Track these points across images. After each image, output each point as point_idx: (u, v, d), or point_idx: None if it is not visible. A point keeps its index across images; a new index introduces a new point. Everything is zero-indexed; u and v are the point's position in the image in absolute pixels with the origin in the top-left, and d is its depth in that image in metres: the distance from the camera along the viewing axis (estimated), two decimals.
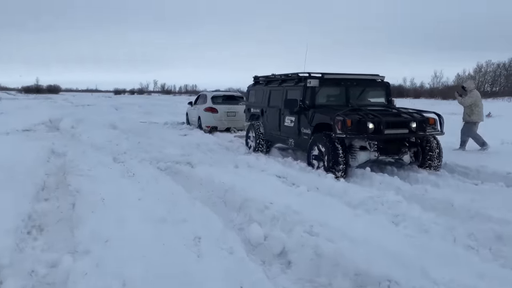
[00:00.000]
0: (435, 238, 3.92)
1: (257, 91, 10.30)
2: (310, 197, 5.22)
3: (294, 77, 8.66)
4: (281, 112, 8.89)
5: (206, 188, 6.08)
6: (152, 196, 5.49)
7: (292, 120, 8.44)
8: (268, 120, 9.55)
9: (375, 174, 6.75)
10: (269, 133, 9.57)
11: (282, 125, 8.88)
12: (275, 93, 9.30)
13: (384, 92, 8.57)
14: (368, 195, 5.26)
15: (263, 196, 5.12)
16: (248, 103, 10.87)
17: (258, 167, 7.70)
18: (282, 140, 9.08)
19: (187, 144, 10.84)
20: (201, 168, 7.47)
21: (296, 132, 8.28)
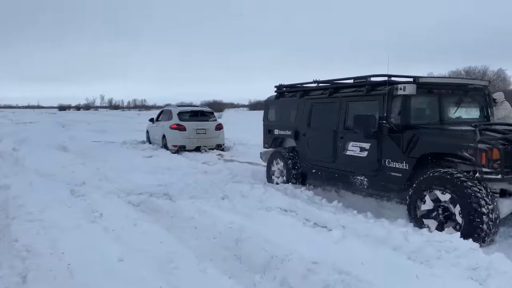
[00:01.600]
0: None
1: (285, 106, 7.64)
2: (368, 253, 3.87)
3: (363, 83, 5.84)
4: (338, 135, 6.07)
5: (204, 234, 4.62)
6: (135, 252, 3.98)
7: (363, 148, 5.62)
8: (309, 146, 6.80)
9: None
10: (310, 165, 6.81)
11: (340, 155, 6.03)
12: (323, 108, 6.59)
13: (483, 103, 6.05)
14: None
15: (293, 248, 3.78)
16: (269, 123, 8.10)
17: (255, 197, 6.35)
18: (339, 177, 6.20)
19: (156, 169, 9.29)
20: (185, 203, 6.01)
21: (374, 167, 5.48)
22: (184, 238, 4.60)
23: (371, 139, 5.44)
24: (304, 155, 6.96)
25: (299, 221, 4.83)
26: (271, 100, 8.14)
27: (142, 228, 4.76)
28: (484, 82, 6.21)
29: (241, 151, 12.67)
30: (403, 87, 5.23)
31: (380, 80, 5.63)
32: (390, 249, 4.04)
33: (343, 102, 6.09)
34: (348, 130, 5.89)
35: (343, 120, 6.02)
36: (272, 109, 8.04)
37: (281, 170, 7.44)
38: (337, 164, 6.13)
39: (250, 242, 3.98)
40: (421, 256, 3.88)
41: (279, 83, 7.82)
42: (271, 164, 7.67)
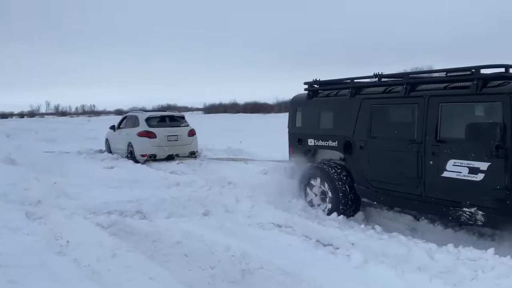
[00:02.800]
0: None
1: (324, 109, 5.99)
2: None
3: (465, 77, 4.29)
4: (426, 150, 4.46)
5: (198, 263, 3.91)
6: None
7: (477, 169, 4.02)
8: (371, 163, 5.14)
9: None
10: (373, 189, 5.13)
11: (433, 177, 4.41)
12: (395, 111, 5.18)
13: None
14: None
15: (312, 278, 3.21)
16: (298, 130, 6.39)
17: (241, 212, 5.71)
18: (428, 206, 4.57)
19: (122, 182, 8.37)
20: (165, 223, 5.32)
21: (499, 196, 3.90)
22: (174, 269, 3.88)
23: (493, 158, 3.89)
24: (361, 174, 5.29)
25: (305, 241, 4.26)
26: (301, 101, 6.39)
27: (123, 260, 3.98)
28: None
29: (210, 157, 11.97)
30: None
31: (494, 72, 4.15)
32: (414, 271, 3.56)
33: (433, 103, 4.46)
34: (444, 142, 4.35)
35: (434, 128, 4.41)
36: (302, 112, 6.33)
37: (322, 193, 5.71)
38: (426, 189, 4.51)
39: (262, 275, 3.36)
40: (453, 278, 3.43)
41: (314, 79, 6.18)
42: (305, 186, 5.94)
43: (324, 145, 5.86)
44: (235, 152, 12.97)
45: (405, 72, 5.25)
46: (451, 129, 4.37)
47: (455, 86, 4.39)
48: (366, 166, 5.20)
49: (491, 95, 4.05)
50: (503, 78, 4.04)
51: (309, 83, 6.19)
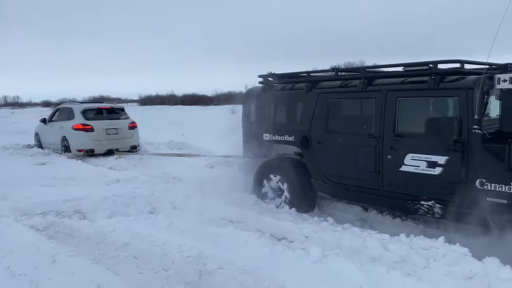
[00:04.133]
0: None
1: (280, 102, 5.82)
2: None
3: (423, 72, 4.29)
4: (385, 144, 4.49)
5: (149, 265, 3.66)
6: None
7: (435, 163, 4.12)
8: (328, 158, 5.09)
9: None
10: (331, 184, 5.10)
11: (391, 171, 4.48)
12: (353, 105, 5.19)
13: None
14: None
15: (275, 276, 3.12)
16: (253, 124, 6.12)
17: (191, 209, 5.50)
18: (385, 200, 4.60)
19: (55, 180, 7.74)
20: (108, 223, 4.99)
21: (456, 189, 4.04)
22: (123, 273, 3.60)
23: (450, 152, 3.99)
24: (318, 169, 5.22)
25: (261, 237, 4.15)
26: (255, 94, 6.11)
27: (65, 266, 3.63)
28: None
29: (151, 152, 11.49)
30: (508, 79, 3.74)
31: (453, 68, 4.22)
32: (370, 262, 3.60)
33: (390, 98, 4.48)
34: (402, 137, 4.39)
35: (392, 123, 4.45)
36: (257, 105, 6.06)
37: (278, 188, 5.57)
38: (384, 183, 4.56)
39: (222, 275, 3.19)
40: (407, 267, 3.51)
41: (269, 72, 5.89)
42: (261, 181, 5.73)
43: (280, 139, 5.70)
44: (178, 145, 12.57)
45: (362, 66, 5.18)
46: (409, 124, 4.42)
47: (413, 80, 4.42)
48: (324, 161, 5.15)
49: (448, 90, 4.13)
50: (459, 73, 4.17)
51: (264, 76, 5.97)
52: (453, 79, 4.16)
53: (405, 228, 4.59)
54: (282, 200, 5.49)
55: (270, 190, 5.68)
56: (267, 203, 5.57)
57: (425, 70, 4.30)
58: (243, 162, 6.27)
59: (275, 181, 5.59)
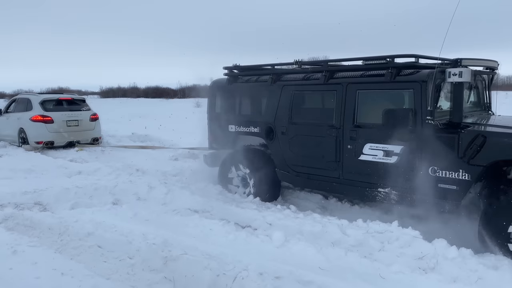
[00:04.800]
0: None
1: (245, 94, 5.92)
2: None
3: (381, 65, 4.54)
4: (345, 135, 4.73)
5: (114, 254, 3.67)
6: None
7: (391, 152, 4.38)
8: (292, 148, 5.25)
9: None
10: (294, 173, 5.27)
11: (351, 160, 4.70)
12: (315, 98, 5.30)
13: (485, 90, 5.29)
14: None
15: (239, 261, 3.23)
16: (218, 116, 6.15)
17: (155, 200, 5.52)
18: (346, 188, 4.83)
19: (13, 172, 7.51)
20: (71, 214, 4.91)
21: (411, 176, 4.28)
22: (87, 262, 3.61)
23: (406, 141, 4.28)
24: (282, 159, 5.39)
25: (226, 224, 4.24)
26: (221, 86, 6.16)
27: (27, 256, 3.59)
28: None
29: (113, 144, 11.30)
30: (458, 73, 3.99)
31: (408, 62, 4.44)
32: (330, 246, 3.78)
33: (350, 90, 4.72)
34: (361, 127, 4.64)
35: (352, 114, 4.68)
36: (222, 97, 6.14)
37: (243, 179, 5.73)
38: (344, 172, 4.79)
39: (187, 260, 3.26)
40: (364, 250, 3.72)
41: (234, 64, 5.99)
42: (227, 171, 5.86)
43: (245, 131, 5.80)
44: (141, 138, 12.43)
45: (324, 60, 5.35)
46: (367, 115, 4.64)
47: (371, 74, 4.64)
48: (287, 151, 5.30)
49: (404, 83, 4.36)
50: (414, 67, 4.40)
51: (229, 67, 6.04)
52: (409, 72, 4.39)
53: (362, 214, 4.81)
54: (247, 190, 5.61)
55: (235, 181, 5.77)
56: (232, 193, 5.69)
57: (383, 64, 4.52)
58: (209, 154, 6.30)
59: (240, 172, 5.70)
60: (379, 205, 5.12)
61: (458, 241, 3.80)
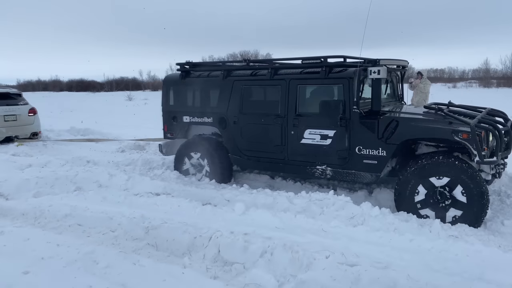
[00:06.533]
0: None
1: (198, 88, 6.46)
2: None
3: (317, 64, 5.41)
4: (288, 122, 5.54)
5: (95, 230, 4.18)
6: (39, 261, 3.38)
7: (326, 136, 5.27)
8: (244, 135, 5.96)
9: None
10: (246, 157, 5.99)
11: (294, 143, 5.52)
12: (262, 91, 6.00)
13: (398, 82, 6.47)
14: None
15: (210, 226, 3.92)
16: (172, 108, 6.73)
17: (117, 186, 5.94)
18: (289, 167, 5.68)
19: None
20: (38, 200, 5.22)
21: (342, 154, 5.20)
22: (71, 237, 4.07)
23: (338, 127, 5.16)
24: (234, 145, 6.08)
25: (191, 202, 4.88)
26: (174, 80, 6.74)
27: (16, 234, 3.97)
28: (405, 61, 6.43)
29: (53, 138, 11.25)
30: (377, 70, 4.93)
31: (337, 62, 5.35)
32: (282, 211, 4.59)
33: (292, 85, 5.53)
34: (302, 116, 5.47)
35: (294, 105, 5.51)
36: (176, 91, 6.72)
37: (199, 164, 6.38)
38: (289, 154, 5.63)
39: (167, 227, 3.89)
40: (308, 213, 4.59)
41: (187, 60, 6.64)
42: (183, 157, 6.45)
43: (200, 121, 6.44)
44: (81, 132, 12.43)
45: (269, 59, 6.14)
46: (307, 106, 5.53)
47: (309, 71, 5.52)
48: (239, 138, 6.04)
49: (335, 79, 5.28)
50: (343, 66, 5.34)
51: (181, 64, 6.64)
52: (338, 70, 5.32)
53: (304, 189, 5.71)
54: (202, 174, 6.29)
55: (191, 166, 6.43)
56: (189, 177, 6.31)
57: (318, 63, 5.42)
58: (164, 143, 6.86)
59: (195, 158, 6.35)
60: (317, 180, 6.08)
61: (379, 204, 4.83)
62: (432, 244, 3.57)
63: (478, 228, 4.35)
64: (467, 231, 4.20)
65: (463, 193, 4.46)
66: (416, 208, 4.67)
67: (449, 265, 3.14)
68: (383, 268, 3.03)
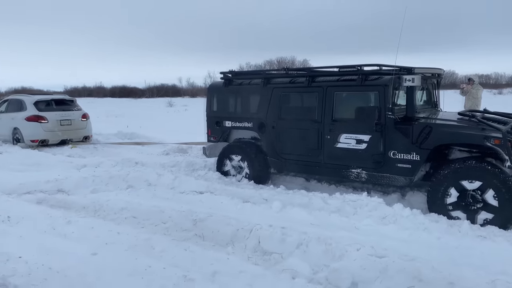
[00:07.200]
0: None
1: (240, 95, 6.95)
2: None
3: (353, 72, 5.72)
4: (325, 127, 5.85)
5: (149, 221, 4.67)
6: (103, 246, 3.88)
7: (362, 140, 5.55)
8: (281, 139, 6.35)
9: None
10: (283, 160, 6.38)
11: (330, 147, 5.83)
12: (300, 98, 6.39)
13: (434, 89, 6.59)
14: None
15: (250, 221, 4.30)
16: (215, 113, 7.25)
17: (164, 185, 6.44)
18: (325, 170, 5.99)
19: (23, 166, 8.25)
20: (96, 196, 5.80)
21: (377, 158, 5.46)
22: (128, 227, 4.57)
23: (373, 132, 5.42)
24: (273, 149, 6.50)
25: (232, 199, 5.30)
26: (218, 88, 7.26)
27: (82, 224, 4.52)
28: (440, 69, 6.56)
29: (103, 142, 12.07)
30: (410, 79, 5.19)
31: (373, 70, 5.62)
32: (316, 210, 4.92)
33: (329, 91, 5.86)
34: (338, 121, 5.79)
35: (330, 111, 5.84)
36: (219, 97, 7.21)
37: (239, 166, 6.80)
38: (324, 157, 5.93)
39: (213, 220, 4.31)
40: (342, 213, 4.88)
41: (230, 69, 7.17)
42: (225, 160, 6.93)
43: (240, 126, 6.93)
44: (128, 136, 13.23)
45: (307, 67, 6.49)
46: (342, 111, 5.82)
47: (345, 79, 5.83)
48: (277, 142, 6.43)
49: (371, 86, 5.55)
50: (379, 74, 5.62)
51: (225, 72, 7.16)
52: (374, 78, 5.59)
53: (338, 191, 6.00)
54: (242, 175, 6.72)
55: (232, 168, 6.88)
56: (229, 178, 6.76)
57: (354, 71, 5.73)
58: (207, 146, 7.37)
59: (236, 160, 6.80)
60: (351, 183, 6.36)
61: (411, 206, 5.06)
62: (459, 242, 3.81)
63: (508, 230, 4.49)
64: (496, 232, 4.35)
65: (495, 197, 4.62)
66: (447, 210, 4.86)
67: (474, 261, 3.38)
68: (409, 260, 3.30)
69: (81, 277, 3.20)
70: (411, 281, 3.11)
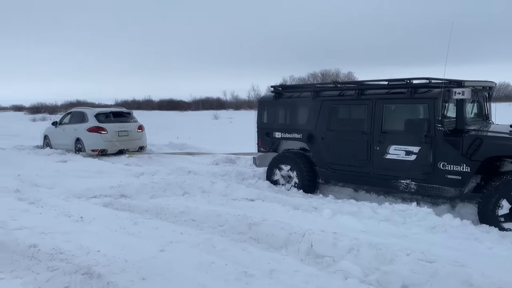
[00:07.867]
0: None
1: (290, 107, 7.24)
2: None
3: (402, 85, 5.90)
4: (374, 139, 6.01)
5: (206, 224, 5.02)
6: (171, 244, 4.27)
7: (411, 152, 5.66)
8: (330, 150, 6.58)
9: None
10: (332, 170, 6.59)
11: (379, 158, 5.97)
12: (349, 110, 6.58)
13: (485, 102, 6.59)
14: None
15: (301, 226, 4.54)
16: (266, 125, 7.62)
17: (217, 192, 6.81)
18: (374, 180, 6.16)
19: (87, 173, 8.94)
20: (156, 201, 6.26)
21: (426, 170, 5.56)
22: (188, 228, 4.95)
23: (423, 143, 5.53)
24: (321, 159, 6.72)
25: (283, 206, 5.57)
26: (268, 101, 7.64)
27: (147, 224, 4.96)
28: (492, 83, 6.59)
29: (156, 152, 12.73)
30: (460, 92, 5.31)
31: (422, 82, 5.76)
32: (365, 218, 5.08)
33: (378, 104, 6.02)
34: (387, 133, 5.93)
35: (379, 123, 5.99)
36: (269, 110, 7.56)
37: (288, 176, 7.09)
38: (374, 168, 6.06)
39: (267, 224, 4.60)
40: (391, 222, 5.01)
41: (280, 83, 7.69)
42: (275, 169, 7.23)
43: (290, 137, 7.23)
44: (179, 146, 13.88)
45: (357, 81, 6.77)
46: (392, 123, 5.95)
47: (394, 92, 5.99)
48: (326, 152, 6.66)
49: (420, 99, 5.68)
50: (428, 87, 5.74)
51: (275, 86, 7.57)
52: (423, 91, 5.72)
53: (387, 201, 6.12)
54: (291, 184, 7.00)
55: (281, 177, 7.18)
56: (279, 187, 7.05)
57: (404, 84, 5.89)
58: (258, 156, 7.73)
59: (285, 170, 7.10)
60: (400, 194, 6.45)
61: (461, 217, 5.11)
62: (510, 252, 3.86)
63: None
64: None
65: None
66: (499, 221, 4.88)
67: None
68: (459, 266, 3.43)
69: (154, 268, 3.58)
70: (461, 286, 3.23)
